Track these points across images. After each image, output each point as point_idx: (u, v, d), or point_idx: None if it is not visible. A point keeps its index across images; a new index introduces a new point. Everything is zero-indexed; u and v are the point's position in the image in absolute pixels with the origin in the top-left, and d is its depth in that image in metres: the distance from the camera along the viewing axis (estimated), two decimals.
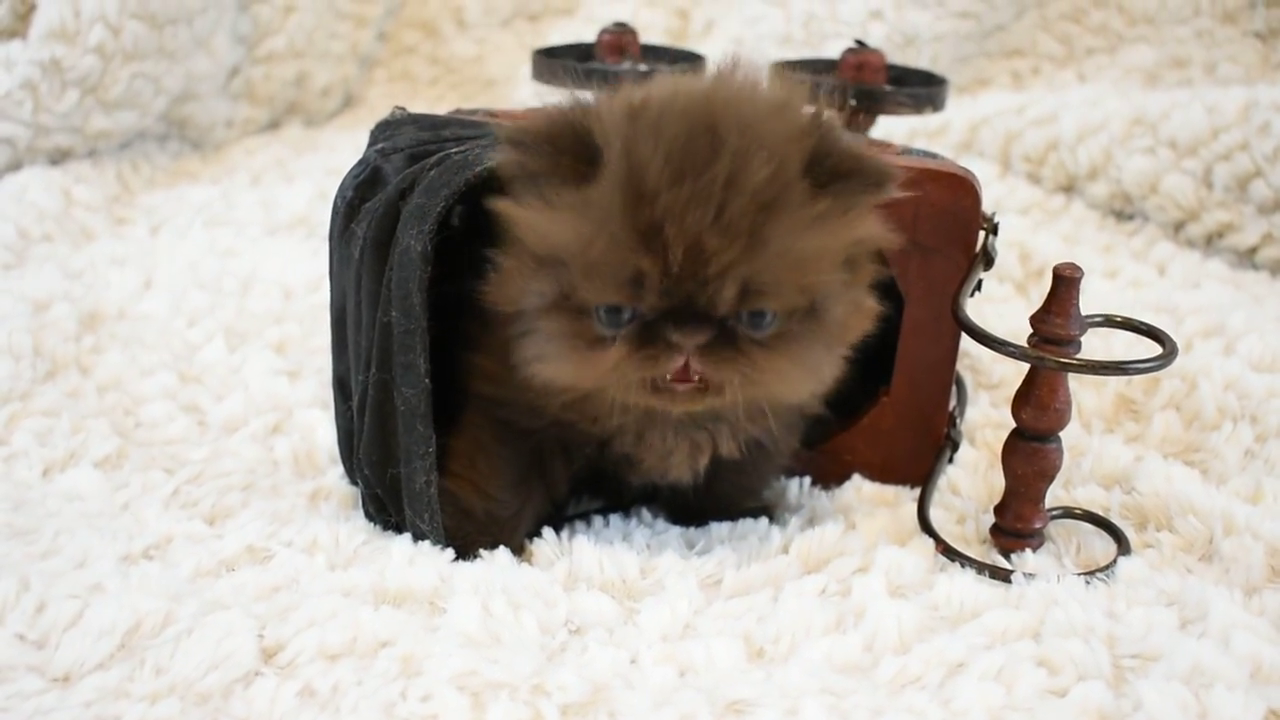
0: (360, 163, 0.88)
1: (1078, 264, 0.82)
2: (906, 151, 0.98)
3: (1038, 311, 0.82)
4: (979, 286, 0.93)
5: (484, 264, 0.78)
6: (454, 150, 0.84)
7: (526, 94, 1.71)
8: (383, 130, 0.92)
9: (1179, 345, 1.08)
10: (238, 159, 1.66)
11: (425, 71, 1.95)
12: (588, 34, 1.29)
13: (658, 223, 0.71)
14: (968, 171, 0.92)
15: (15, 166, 1.47)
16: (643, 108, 0.74)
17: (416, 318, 0.79)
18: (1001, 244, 1.29)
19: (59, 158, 1.51)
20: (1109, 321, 0.87)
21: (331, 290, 0.90)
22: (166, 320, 1.18)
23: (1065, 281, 0.81)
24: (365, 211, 0.84)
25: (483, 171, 0.81)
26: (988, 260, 0.92)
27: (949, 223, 0.91)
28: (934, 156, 0.96)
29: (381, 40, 1.97)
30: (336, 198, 0.88)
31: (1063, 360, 0.80)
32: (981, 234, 0.93)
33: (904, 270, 0.93)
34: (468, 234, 0.82)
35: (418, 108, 0.97)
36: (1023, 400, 0.84)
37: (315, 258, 1.31)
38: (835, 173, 0.74)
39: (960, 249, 0.92)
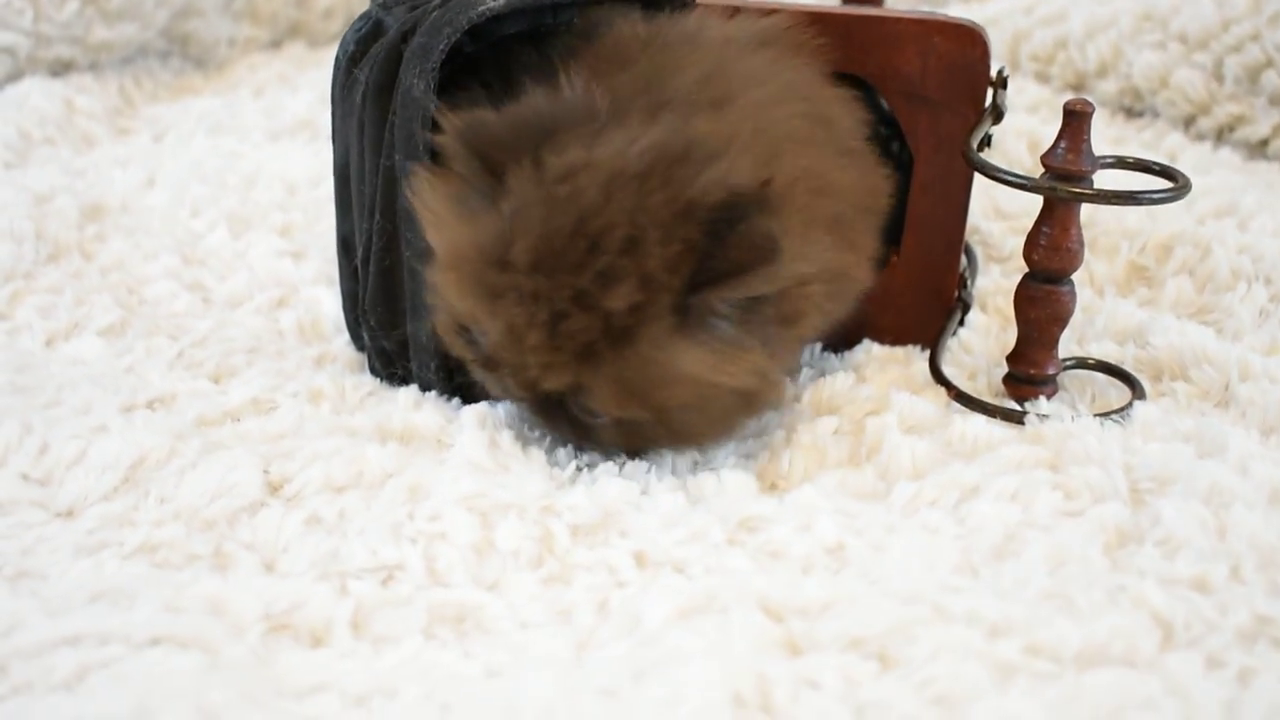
0: (362, 17, 0.87)
1: (1089, 99, 0.80)
2: (913, 11, 0.97)
3: (1049, 149, 0.81)
4: (988, 141, 0.92)
5: None
6: None
7: None
8: None
9: (1193, 222, 1.08)
10: (241, 74, 1.65)
11: None
12: None
13: (500, 292, 0.69)
14: (975, 24, 0.91)
15: (16, 77, 1.45)
16: (559, 178, 0.70)
17: (420, 158, 0.78)
18: (1010, 133, 1.29)
19: (60, 69, 1.50)
20: (1120, 162, 0.86)
21: (334, 147, 0.89)
22: (170, 211, 1.17)
23: (1077, 116, 0.80)
24: (367, 58, 0.83)
25: (485, 12, 0.79)
26: (997, 114, 0.91)
27: (957, 76, 0.90)
28: (941, 14, 0.95)
29: None
30: (338, 52, 0.87)
31: (1075, 190, 0.79)
32: (990, 90, 0.92)
33: (912, 128, 0.92)
34: None
35: None
36: (1035, 241, 0.83)
37: (319, 157, 1.30)
38: (718, 303, 0.70)
39: (969, 103, 0.90)
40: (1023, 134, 1.30)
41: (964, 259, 0.98)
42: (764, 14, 0.88)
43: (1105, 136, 1.37)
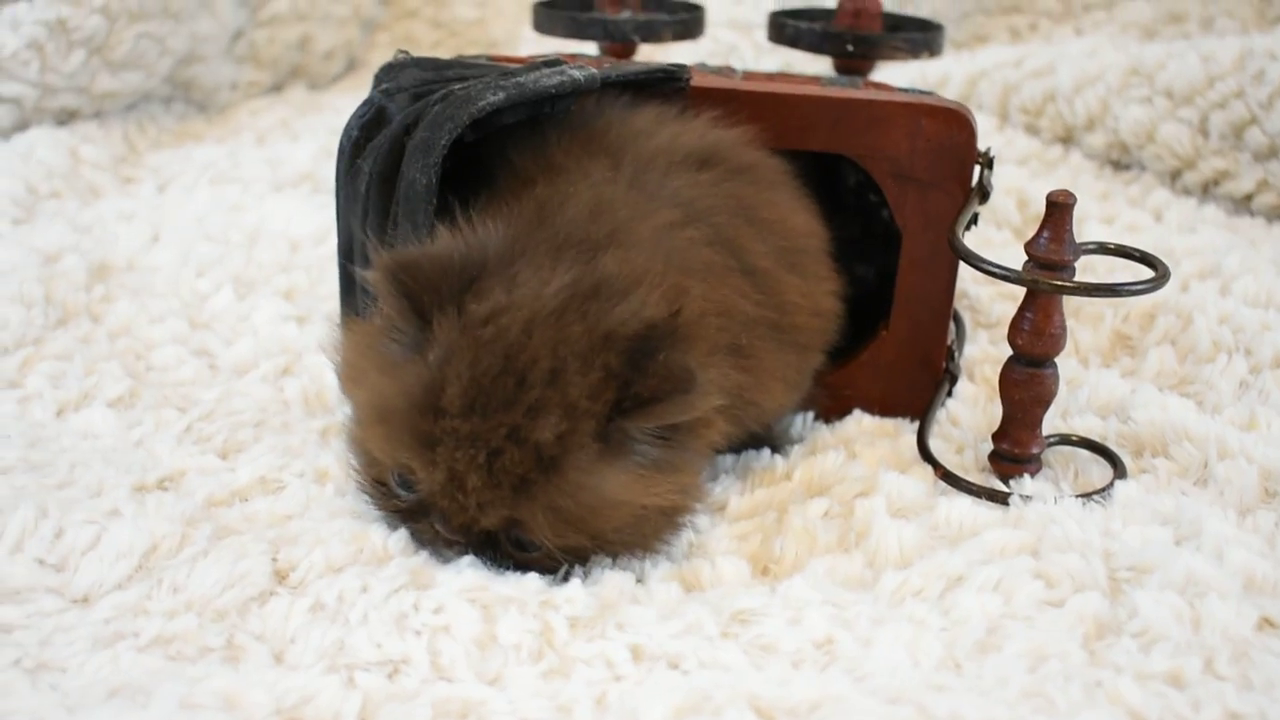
0: (365, 103, 0.89)
1: (1072, 191, 0.83)
2: (903, 90, 0.99)
3: (1032, 238, 0.83)
4: (975, 220, 0.95)
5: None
6: (457, 87, 0.85)
7: (526, 54, 1.72)
8: (386, 72, 0.93)
9: (1176, 288, 1.11)
10: (243, 120, 1.68)
11: (427, 35, 1.96)
12: None
13: (437, 439, 0.71)
14: (963, 106, 0.93)
15: (22, 126, 1.48)
16: (481, 322, 0.72)
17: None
18: (999, 190, 1.31)
19: (65, 118, 1.52)
20: (1102, 248, 0.89)
21: (339, 229, 0.91)
22: (175, 271, 1.19)
23: (1059, 208, 0.82)
24: (371, 148, 0.86)
25: (486, 106, 0.82)
26: (983, 194, 0.94)
27: (945, 157, 0.93)
28: (930, 95, 0.97)
29: (383, 3, 1.98)
30: (342, 137, 0.89)
31: (1057, 283, 0.82)
32: (977, 169, 0.95)
33: (901, 205, 0.94)
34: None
35: None
36: (1018, 326, 0.85)
37: (321, 212, 1.32)
38: (638, 430, 0.72)
39: (956, 183, 0.93)
40: (1012, 191, 1.33)
41: (952, 328, 1.00)
42: (731, 118, 0.91)
43: (1093, 191, 1.40)
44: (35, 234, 1.22)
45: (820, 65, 1.53)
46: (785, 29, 1.17)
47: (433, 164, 0.81)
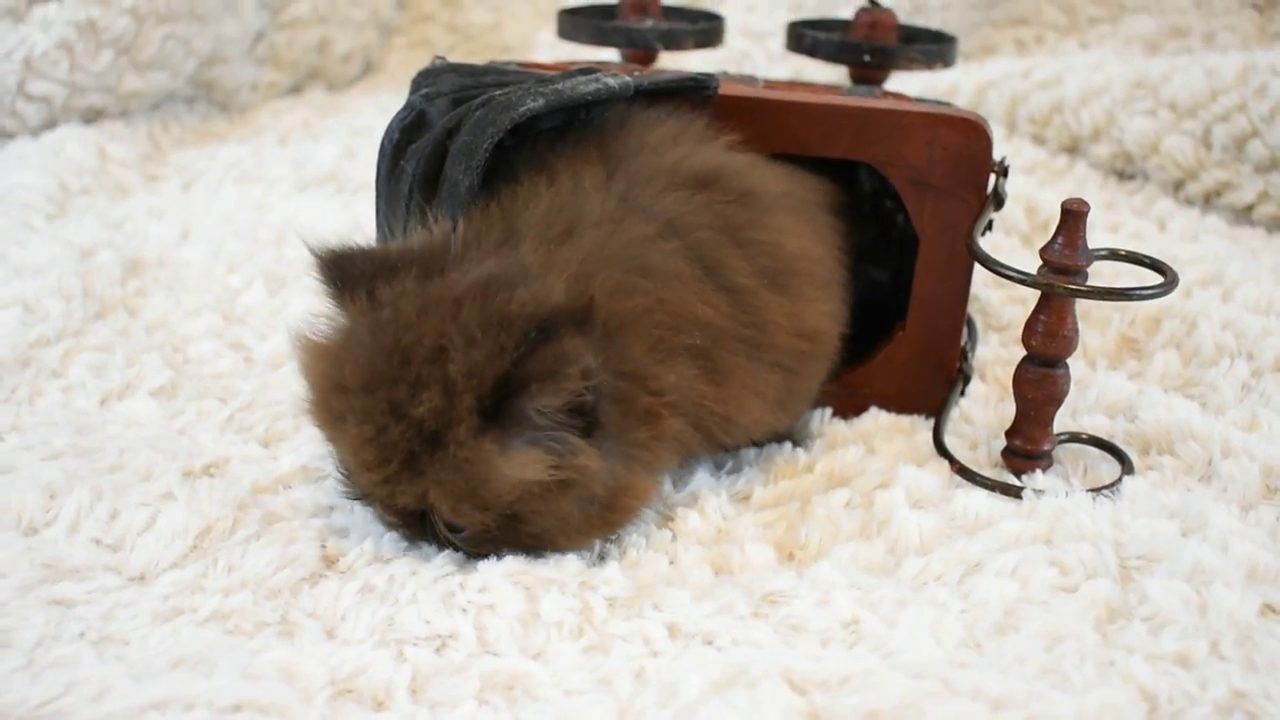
0: (405, 107, 0.93)
1: (1085, 200, 0.86)
2: (921, 101, 1.03)
3: (1047, 244, 0.87)
4: (990, 226, 0.98)
5: None
6: (498, 93, 0.89)
7: (543, 59, 1.75)
8: (424, 78, 0.97)
9: (1180, 294, 1.15)
10: (264, 121, 1.71)
11: (443, 39, 1.99)
12: None
13: (342, 415, 0.76)
14: (979, 117, 0.97)
15: (51, 124, 1.52)
16: (385, 305, 0.75)
17: None
18: (1008, 198, 1.35)
19: (93, 117, 1.56)
20: (1114, 255, 0.92)
21: (378, 231, 0.94)
22: (206, 267, 1.23)
23: (1073, 215, 0.86)
24: (413, 151, 0.89)
25: (526, 112, 0.85)
26: (998, 201, 0.97)
27: (962, 165, 0.96)
28: (948, 105, 1.01)
29: (400, 8, 2.01)
30: (384, 140, 0.92)
31: (1071, 286, 0.85)
32: (992, 177, 0.98)
33: (918, 212, 0.98)
34: None
35: None
36: (1032, 327, 0.89)
37: (346, 211, 1.36)
38: (517, 411, 0.73)
39: (972, 191, 0.97)
40: (1020, 198, 1.37)
41: (965, 331, 1.04)
42: (754, 128, 0.95)
43: (1098, 200, 1.44)
44: (69, 229, 1.26)
45: (834, 74, 1.57)
46: (804, 39, 1.20)
47: (475, 166, 0.84)
